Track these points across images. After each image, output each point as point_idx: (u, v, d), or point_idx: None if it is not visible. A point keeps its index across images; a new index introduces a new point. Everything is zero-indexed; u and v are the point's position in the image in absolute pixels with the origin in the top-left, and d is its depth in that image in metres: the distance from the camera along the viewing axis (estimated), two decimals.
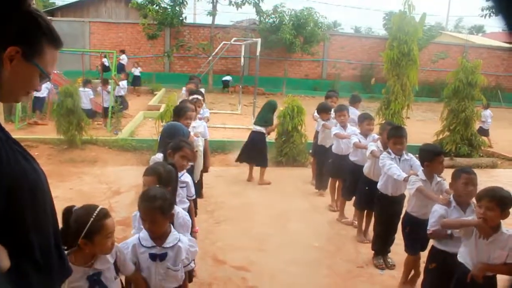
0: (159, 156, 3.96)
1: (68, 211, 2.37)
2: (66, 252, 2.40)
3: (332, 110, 6.87)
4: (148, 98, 17.95)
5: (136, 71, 19.97)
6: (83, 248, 2.35)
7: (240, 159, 7.94)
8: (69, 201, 6.29)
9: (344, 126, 6.37)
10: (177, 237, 2.76)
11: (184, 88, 8.57)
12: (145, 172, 3.15)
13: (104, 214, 2.37)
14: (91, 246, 2.34)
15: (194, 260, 2.82)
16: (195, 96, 6.60)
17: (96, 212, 2.33)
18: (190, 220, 3.20)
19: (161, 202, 2.63)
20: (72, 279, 2.35)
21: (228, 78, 22.43)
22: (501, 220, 3.09)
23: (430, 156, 4.11)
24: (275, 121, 8.08)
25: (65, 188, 6.96)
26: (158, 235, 2.72)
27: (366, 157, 5.38)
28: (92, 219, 2.30)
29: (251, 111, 12.74)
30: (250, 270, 4.69)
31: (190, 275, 3.75)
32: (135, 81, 19.75)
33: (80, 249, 2.37)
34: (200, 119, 6.25)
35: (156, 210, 2.62)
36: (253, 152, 7.76)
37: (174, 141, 3.90)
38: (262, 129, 7.68)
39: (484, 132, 12.21)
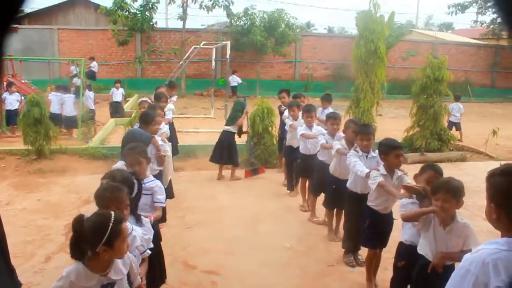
0: (119, 165, 3.92)
1: (79, 221, 2.34)
2: (81, 260, 2.38)
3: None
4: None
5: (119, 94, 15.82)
6: (102, 255, 2.33)
7: (212, 159, 8.03)
8: (36, 213, 6.25)
9: (310, 127, 6.41)
10: (130, 227, 2.81)
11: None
12: (104, 176, 3.19)
13: (121, 218, 2.37)
14: (110, 252, 2.33)
15: (149, 248, 2.92)
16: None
17: (113, 218, 2.32)
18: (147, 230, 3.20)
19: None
20: (87, 284, 2.36)
21: (236, 81, 20.83)
22: (456, 210, 3.19)
23: (386, 150, 4.14)
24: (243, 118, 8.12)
25: (33, 200, 6.83)
26: None
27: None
28: (111, 225, 2.29)
29: (224, 114, 12.70)
30: (220, 273, 4.68)
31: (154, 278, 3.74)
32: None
33: (96, 257, 2.34)
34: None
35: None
36: (223, 151, 7.88)
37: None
38: (231, 128, 7.86)
39: (451, 125, 12.39)
